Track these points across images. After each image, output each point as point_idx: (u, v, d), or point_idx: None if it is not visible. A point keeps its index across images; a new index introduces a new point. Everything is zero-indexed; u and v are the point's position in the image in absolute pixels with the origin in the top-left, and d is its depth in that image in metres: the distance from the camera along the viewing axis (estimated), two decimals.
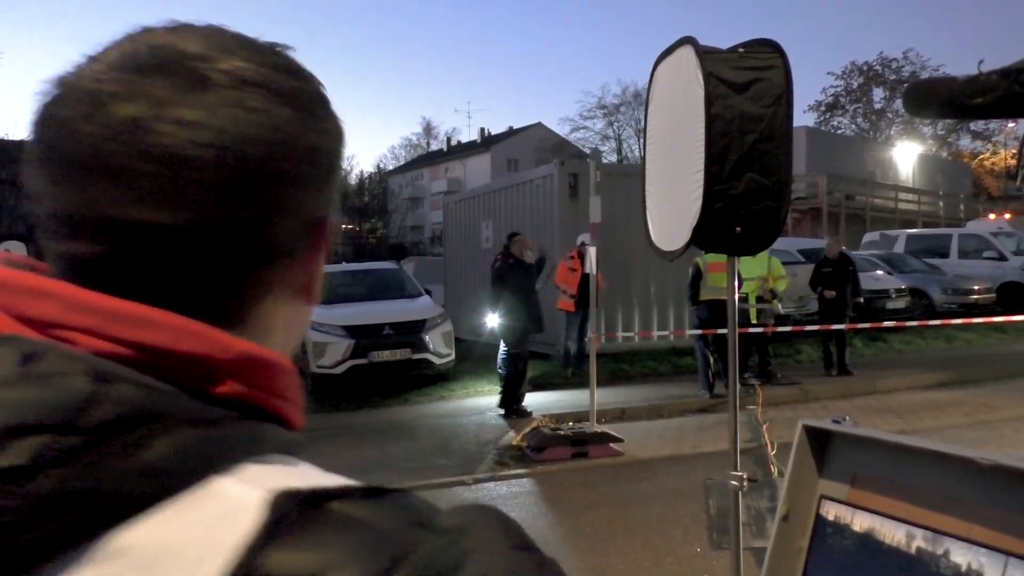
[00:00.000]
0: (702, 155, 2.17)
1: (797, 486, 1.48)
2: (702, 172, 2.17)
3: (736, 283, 2.72)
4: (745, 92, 2.16)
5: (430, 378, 11.50)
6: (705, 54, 2.21)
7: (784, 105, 2.19)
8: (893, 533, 1.27)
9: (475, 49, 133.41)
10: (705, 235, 2.24)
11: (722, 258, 9.54)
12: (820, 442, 1.49)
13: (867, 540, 1.32)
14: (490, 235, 15.35)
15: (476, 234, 16.08)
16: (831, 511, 1.41)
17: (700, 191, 2.17)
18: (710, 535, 5.56)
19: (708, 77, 2.16)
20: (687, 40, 2.33)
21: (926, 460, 1.28)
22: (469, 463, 7.69)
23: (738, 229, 2.19)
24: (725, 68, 2.19)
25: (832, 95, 51.19)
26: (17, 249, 8.74)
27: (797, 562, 1.44)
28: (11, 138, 29.94)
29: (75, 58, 0.58)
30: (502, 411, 9.72)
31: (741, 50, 2.27)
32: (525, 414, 9.41)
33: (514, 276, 9.53)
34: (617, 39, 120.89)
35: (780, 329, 10.83)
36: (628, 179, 12.99)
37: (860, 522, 1.34)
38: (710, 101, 2.15)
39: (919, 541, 1.23)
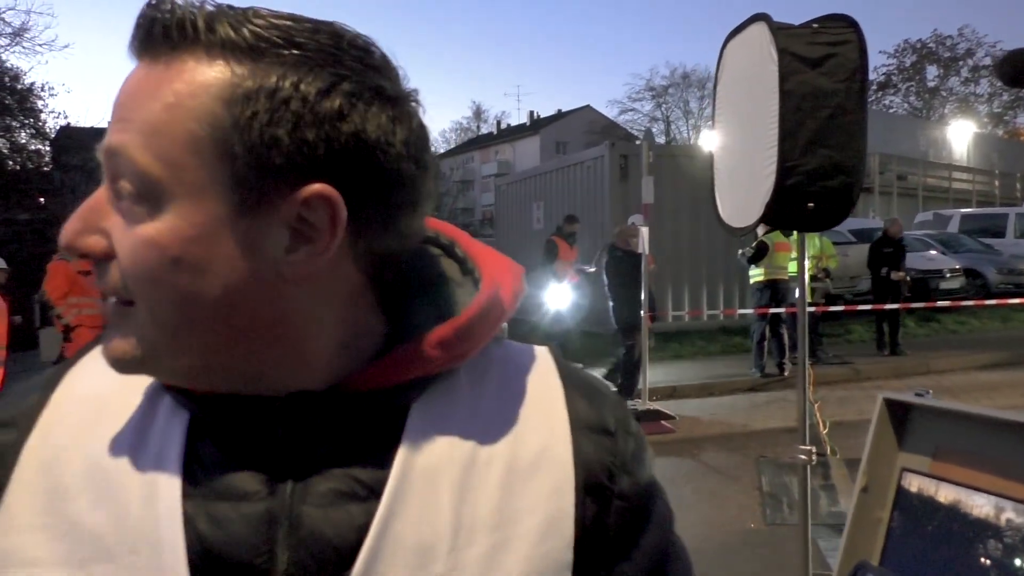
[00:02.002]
0: (775, 131, 2.14)
1: (877, 459, 1.47)
2: (775, 148, 2.14)
3: (801, 262, 2.69)
4: (819, 68, 2.12)
5: None
6: (779, 30, 2.17)
7: (859, 80, 2.13)
8: (980, 504, 1.26)
9: (524, 33, 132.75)
10: (777, 211, 2.21)
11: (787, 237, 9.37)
12: (900, 415, 1.47)
13: (953, 511, 1.30)
14: (541, 216, 15.32)
15: (527, 215, 16.08)
16: (913, 483, 1.39)
17: (773, 167, 2.14)
18: (763, 511, 5.53)
19: (782, 53, 2.12)
20: (760, 17, 2.28)
21: (1013, 432, 1.25)
22: None
23: (810, 205, 2.15)
24: (799, 44, 2.14)
25: (884, 74, 49.70)
26: None
27: (877, 533, 1.43)
28: (82, 125, 30.78)
29: None
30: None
31: (815, 25, 2.22)
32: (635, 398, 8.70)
33: (623, 267, 8.89)
34: (665, 21, 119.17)
35: (832, 308, 10.62)
36: (676, 160, 12.85)
37: (945, 494, 1.33)
38: (783, 77, 2.11)
39: (1008, 512, 1.21)
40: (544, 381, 0.71)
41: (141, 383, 0.66)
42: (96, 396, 0.66)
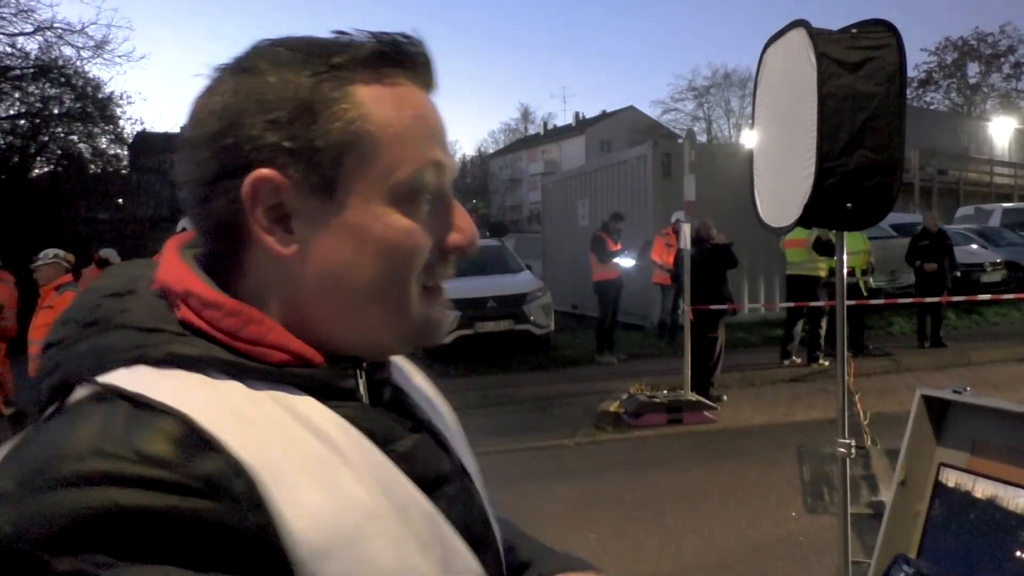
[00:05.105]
0: (814, 134, 2.11)
1: (915, 453, 1.44)
2: (814, 150, 2.10)
3: (840, 258, 2.64)
4: (858, 71, 2.08)
5: (531, 347, 11.54)
6: (818, 35, 2.14)
7: (897, 83, 2.09)
8: (1018, 500, 1.23)
9: (569, 37, 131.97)
10: (816, 211, 2.18)
11: (797, 234, 9.39)
12: (938, 411, 1.45)
13: (990, 507, 1.27)
14: (586, 213, 15.27)
15: (573, 212, 16.03)
16: (951, 478, 1.37)
17: (812, 168, 2.11)
18: (805, 500, 5.45)
19: (821, 57, 2.08)
20: (800, 23, 2.25)
21: None
22: (569, 427, 7.73)
23: (849, 205, 2.12)
24: (838, 48, 2.11)
25: (925, 71, 48.25)
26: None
27: (915, 525, 1.40)
28: (156, 130, 31.62)
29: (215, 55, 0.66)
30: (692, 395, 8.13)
31: (854, 31, 2.18)
32: (717, 399, 8.41)
33: (712, 259, 8.62)
34: (707, 22, 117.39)
35: (873, 302, 10.38)
36: (717, 158, 12.66)
37: (982, 489, 1.30)
38: (822, 81, 2.08)
39: None
40: None
41: (234, 389, 0.65)
42: (233, 409, 0.63)
